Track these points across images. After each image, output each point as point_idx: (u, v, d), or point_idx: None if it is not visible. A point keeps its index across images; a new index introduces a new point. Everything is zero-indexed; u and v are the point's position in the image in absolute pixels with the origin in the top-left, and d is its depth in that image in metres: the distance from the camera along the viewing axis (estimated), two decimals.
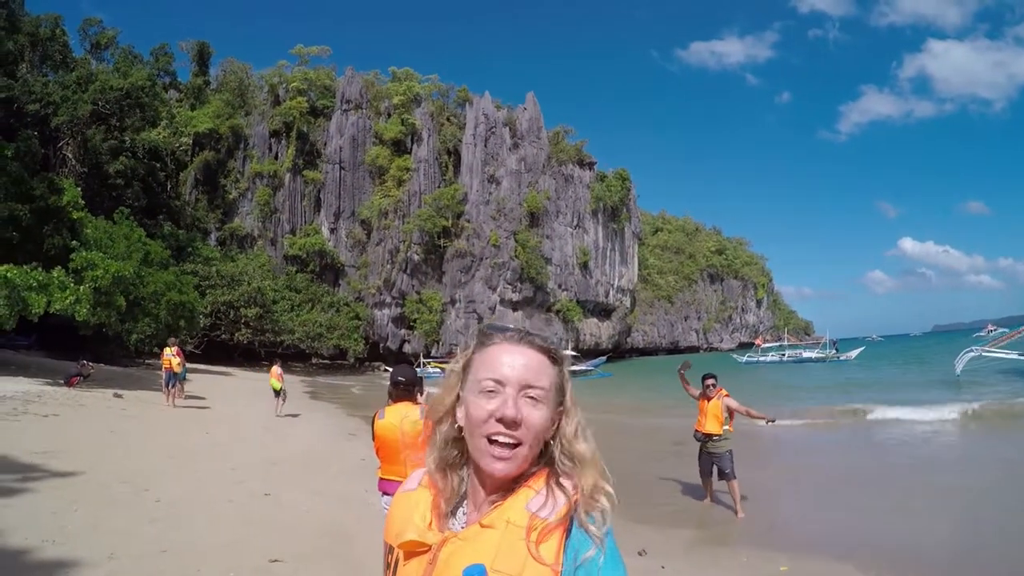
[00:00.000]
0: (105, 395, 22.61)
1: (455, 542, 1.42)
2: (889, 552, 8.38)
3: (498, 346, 1.51)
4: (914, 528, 9.57)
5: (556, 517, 1.39)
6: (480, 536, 1.40)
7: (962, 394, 26.54)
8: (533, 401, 1.45)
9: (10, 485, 9.20)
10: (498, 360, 1.48)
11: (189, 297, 38.65)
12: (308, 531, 8.40)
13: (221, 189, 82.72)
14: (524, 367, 1.46)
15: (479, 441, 1.45)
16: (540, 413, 1.46)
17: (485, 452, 1.44)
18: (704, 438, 10.81)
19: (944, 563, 7.97)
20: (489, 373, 1.47)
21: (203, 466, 12.35)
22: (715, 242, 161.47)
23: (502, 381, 1.45)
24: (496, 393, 1.45)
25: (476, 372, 1.50)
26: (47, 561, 6.40)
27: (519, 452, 1.44)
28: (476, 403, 1.46)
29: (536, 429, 1.45)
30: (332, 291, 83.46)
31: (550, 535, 1.37)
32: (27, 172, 30.73)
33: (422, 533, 1.46)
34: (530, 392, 1.45)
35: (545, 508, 1.40)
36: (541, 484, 1.46)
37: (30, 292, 23.95)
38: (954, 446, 17.13)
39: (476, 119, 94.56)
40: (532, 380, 1.46)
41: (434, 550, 1.43)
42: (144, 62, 70.59)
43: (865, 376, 42.48)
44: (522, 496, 1.44)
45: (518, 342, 1.51)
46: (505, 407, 1.42)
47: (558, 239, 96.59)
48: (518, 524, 1.38)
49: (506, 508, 1.43)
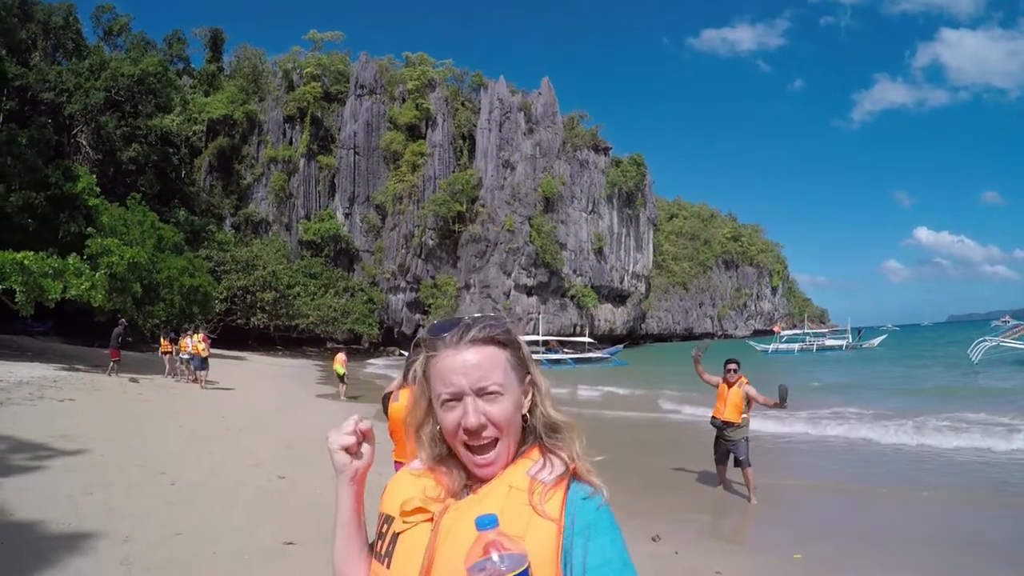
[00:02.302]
0: (121, 380, 22.78)
1: (459, 507, 1.43)
2: (902, 541, 8.31)
3: (443, 353, 1.47)
4: (937, 519, 9.49)
5: (554, 477, 1.42)
6: (484, 500, 1.41)
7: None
8: (493, 396, 1.44)
9: (27, 468, 9.29)
10: (447, 371, 1.45)
11: (203, 282, 38.80)
12: (323, 514, 8.30)
13: (236, 175, 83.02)
14: (473, 369, 1.44)
15: (459, 449, 1.47)
16: (503, 404, 1.44)
17: (468, 460, 1.46)
18: (722, 425, 10.67)
19: (964, 558, 7.88)
20: (443, 386, 1.45)
21: (218, 450, 12.39)
22: (730, 229, 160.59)
23: (457, 393, 1.44)
24: (456, 402, 1.44)
25: (434, 384, 1.49)
26: (63, 543, 6.43)
27: (499, 449, 1.45)
28: (443, 416, 1.46)
29: (504, 419, 1.44)
30: (347, 276, 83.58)
31: (552, 492, 1.39)
32: (42, 160, 30.88)
33: (425, 501, 1.46)
34: (487, 389, 1.43)
35: (543, 472, 1.43)
36: (537, 455, 1.48)
37: (46, 278, 24.12)
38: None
39: (491, 104, 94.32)
40: (485, 379, 1.44)
41: (437, 517, 1.43)
42: (157, 49, 70.78)
43: (922, 373, 38.50)
44: (522, 464, 1.46)
45: (460, 344, 1.47)
46: (467, 417, 1.42)
47: (573, 224, 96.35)
48: (519, 487, 1.41)
49: (507, 475, 1.45)
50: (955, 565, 7.49)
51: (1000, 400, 21.48)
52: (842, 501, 10.61)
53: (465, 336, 1.47)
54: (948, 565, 7.49)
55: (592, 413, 21.90)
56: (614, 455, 12.96)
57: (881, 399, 23.47)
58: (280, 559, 6.62)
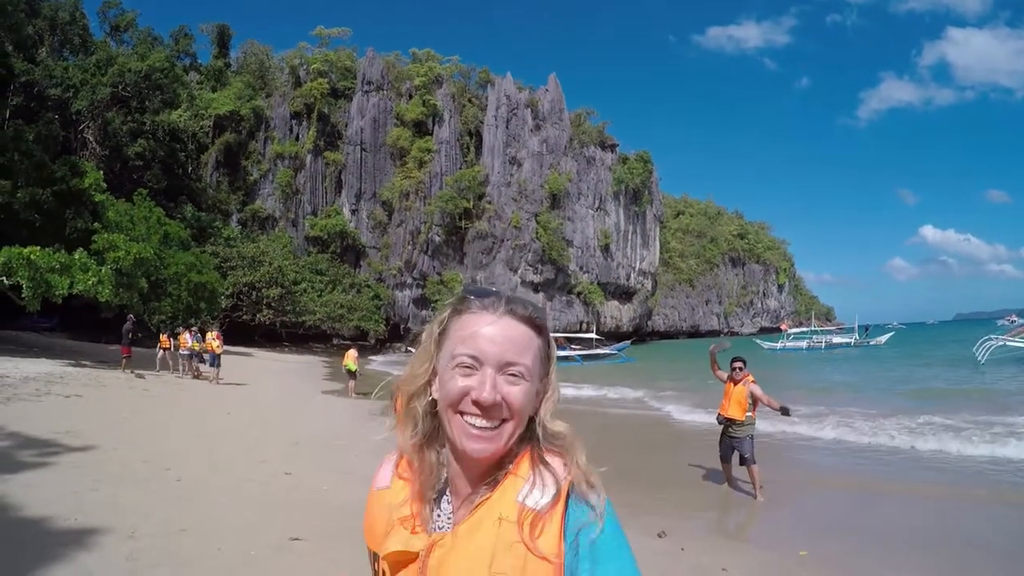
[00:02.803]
0: (127, 376, 22.78)
1: (444, 544, 1.28)
2: (907, 539, 8.32)
3: (476, 315, 1.33)
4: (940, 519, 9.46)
5: (547, 501, 1.26)
6: (472, 538, 1.26)
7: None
8: (514, 378, 1.29)
9: (33, 464, 9.28)
10: (476, 333, 1.31)
11: (210, 278, 38.81)
12: (328, 510, 8.37)
13: (242, 171, 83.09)
14: (505, 342, 1.30)
15: (454, 418, 1.30)
16: (522, 389, 1.30)
17: (461, 431, 1.29)
18: (726, 422, 10.69)
19: (966, 556, 7.85)
20: (465, 348, 1.30)
21: (224, 446, 12.38)
22: (737, 226, 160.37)
23: (479, 358, 1.29)
24: (473, 371, 1.29)
25: (452, 343, 1.34)
26: (69, 538, 6.42)
27: (503, 430, 1.29)
28: (450, 379, 1.31)
29: (519, 406, 1.29)
30: (353, 272, 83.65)
31: (545, 523, 1.24)
32: (48, 156, 30.91)
33: (406, 541, 1.32)
34: (511, 370, 1.29)
35: (533, 495, 1.27)
36: (527, 468, 1.32)
37: (53, 274, 24.13)
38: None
39: (498, 100, 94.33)
40: (514, 357, 1.30)
41: (422, 557, 1.30)
42: (164, 44, 70.71)
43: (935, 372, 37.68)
44: (510, 486, 1.30)
45: (500, 312, 1.33)
46: (482, 389, 1.27)
47: (580, 221, 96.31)
48: (510, 519, 1.25)
49: (495, 502, 1.29)
50: (958, 565, 7.47)
51: (1009, 401, 21.31)
52: (848, 499, 10.61)
53: (508, 306, 1.34)
54: (951, 565, 7.47)
55: (599, 411, 21.89)
56: (621, 452, 12.99)
57: (888, 399, 23.36)
58: (286, 555, 6.59)
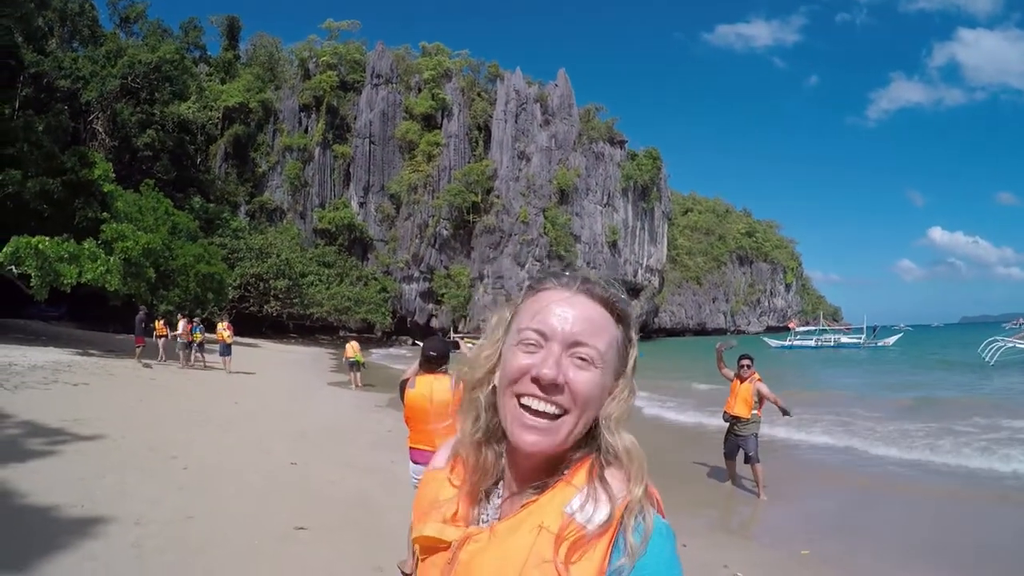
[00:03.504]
0: (135, 365, 22.85)
1: (479, 541, 1.17)
2: (909, 541, 8.38)
3: (549, 292, 1.22)
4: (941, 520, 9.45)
5: (596, 525, 1.10)
6: (508, 541, 1.14)
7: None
8: (583, 362, 1.16)
9: (41, 451, 9.34)
10: (546, 308, 1.20)
11: (217, 269, 38.88)
12: (334, 500, 8.43)
13: (251, 163, 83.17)
14: (576, 319, 1.17)
15: (509, 403, 1.18)
16: (590, 376, 1.16)
17: (515, 419, 1.16)
18: (732, 420, 10.71)
19: (965, 557, 7.86)
20: (532, 322, 1.19)
21: (231, 435, 12.42)
22: (745, 224, 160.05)
23: (546, 333, 1.17)
24: (538, 347, 1.17)
25: (521, 319, 1.22)
26: (76, 525, 6.47)
27: (563, 423, 1.15)
28: (513, 355, 1.19)
29: (585, 395, 1.15)
30: (360, 265, 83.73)
31: (588, 550, 1.09)
32: (58, 146, 30.97)
33: (441, 529, 1.23)
34: (580, 351, 1.16)
35: (584, 511, 1.11)
36: (583, 479, 1.16)
37: (62, 263, 24.19)
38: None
39: (507, 95, 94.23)
40: (584, 337, 1.16)
41: (454, 548, 1.20)
42: (173, 36, 70.91)
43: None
44: (560, 494, 1.15)
45: (574, 289, 1.22)
46: (544, 364, 1.14)
47: (587, 217, 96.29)
48: (551, 530, 1.11)
49: (540, 507, 1.15)
50: (959, 566, 7.48)
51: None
52: (851, 500, 10.58)
53: (584, 283, 1.23)
54: (952, 566, 7.46)
55: None
56: None
57: (896, 402, 23.21)
58: (291, 544, 6.64)
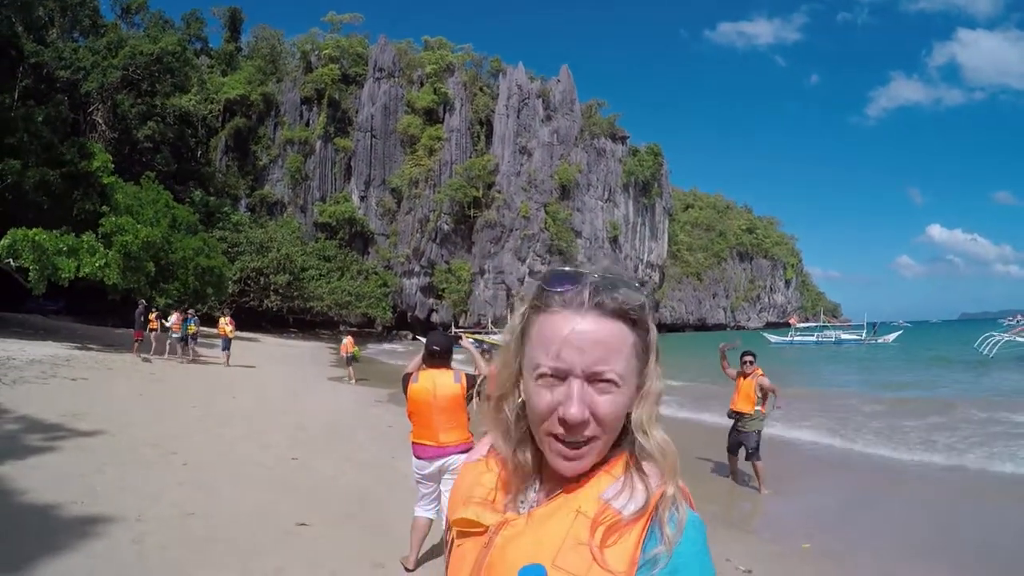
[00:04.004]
0: (134, 359, 22.79)
1: (515, 526, 1.16)
2: (908, 536, 8.42)
3: (559, 316, 1.14)
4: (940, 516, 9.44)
5: (631, 512, 1.10)
6: (544, 525, 1.14)
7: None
8: (606, 386, 1.12)
9: (39, 447, 9.29)
10: (558, 339, 1.12)
11: (217, 263, 38.80)
12: (335, 495, 8.39)
13: (252, 156, 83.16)
14: (593, 346, 1.11)
15: (543, 438, 1.15)
16: (613, 398, 1.12)
17: (550, 450, 1.15)
18: (735, 416, 10.74)
19: (965, 554, 7.86)
20: (547, 358, 1.12)
21: (230, 430, 12.35)
22: (746, 220, 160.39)
23: (563, 371, 1.12)
24: (556, 382, 1.12)
25: (533, 349, 1.16)
26: (76, 522, 6.42)
27: (592, 447, 1.14)
28: (535, 392, 1.14)
29: (612, 420, 1.13)
30: (361, 259, 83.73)
31: (623, 535, 1.09)
32: (57, 137, 30.82)
33: (479, 513, 1.21)
34: (602, 377, 1.11)
35: (620, 498, 1.12)
36: (620, 469, 1.17)
37: (60, 256, 24.08)
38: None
39: (509, 90, 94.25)
40: (604, 363, 1.11)
41: (490, 533, 1.18)
42: (175, 28, 70.68)
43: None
44: (598, 482, 1.16)
45: (584, 307, 1.13)
46: (569, 405, 1.10)
47: (588, 212, 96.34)
48: (588, 515, 1.11)
49: (578, 494, 1.15)
50: (960, 563, 7.44)
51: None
52: (851, 496, 10.58)
53: (593, 300, 1.14)
54: (952, 563, 7.44)
55: None
56: None
57: (898, 399, 23.28)
58: (293, 540, 6.59)
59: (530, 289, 1.23)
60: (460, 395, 5.82)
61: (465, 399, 5.87)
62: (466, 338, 7.20)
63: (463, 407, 5.89)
